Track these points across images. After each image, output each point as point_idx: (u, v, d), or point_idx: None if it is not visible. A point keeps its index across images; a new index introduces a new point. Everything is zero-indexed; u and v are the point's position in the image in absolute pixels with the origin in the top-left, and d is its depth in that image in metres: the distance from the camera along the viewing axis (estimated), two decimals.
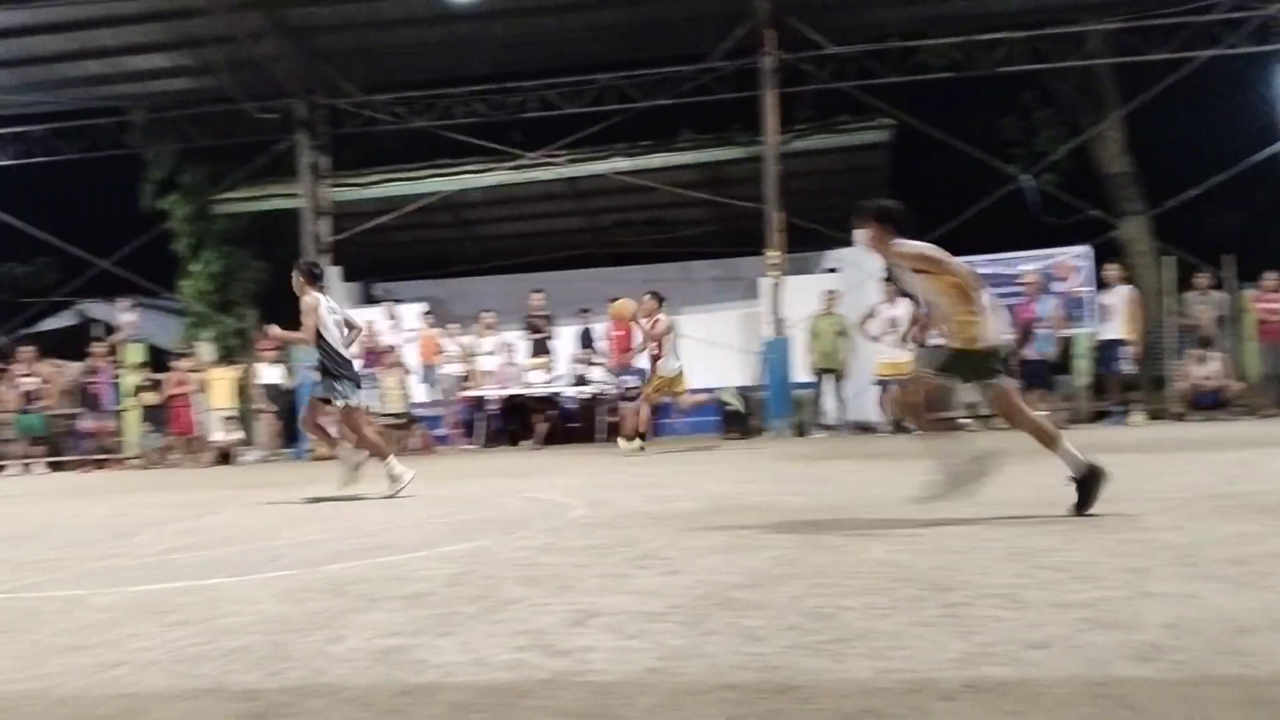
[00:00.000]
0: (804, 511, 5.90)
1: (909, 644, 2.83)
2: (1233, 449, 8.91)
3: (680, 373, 12.66)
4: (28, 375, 16.19)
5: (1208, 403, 14.74)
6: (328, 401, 8.01)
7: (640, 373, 14.82)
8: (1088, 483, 4.94)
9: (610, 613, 3.40)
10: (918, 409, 5.36)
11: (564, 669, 2.75)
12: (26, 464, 16.11)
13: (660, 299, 12.86)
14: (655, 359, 12.54)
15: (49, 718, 2.61)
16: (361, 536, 5.63)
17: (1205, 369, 14.77)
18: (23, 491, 12.15)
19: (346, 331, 8.14)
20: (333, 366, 8.01)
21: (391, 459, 8.03)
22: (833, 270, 18.38)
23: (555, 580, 4.02)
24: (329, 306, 8.13)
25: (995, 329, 5.12)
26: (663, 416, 15.87)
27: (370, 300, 19.68)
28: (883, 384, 14.07)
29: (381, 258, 19.80)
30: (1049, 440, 5.04)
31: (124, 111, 18.78)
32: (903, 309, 13.39)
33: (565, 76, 17.18)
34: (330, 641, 3.19)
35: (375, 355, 15.77)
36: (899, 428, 13.10)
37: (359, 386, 8.25)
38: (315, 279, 8.21)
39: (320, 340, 7.96)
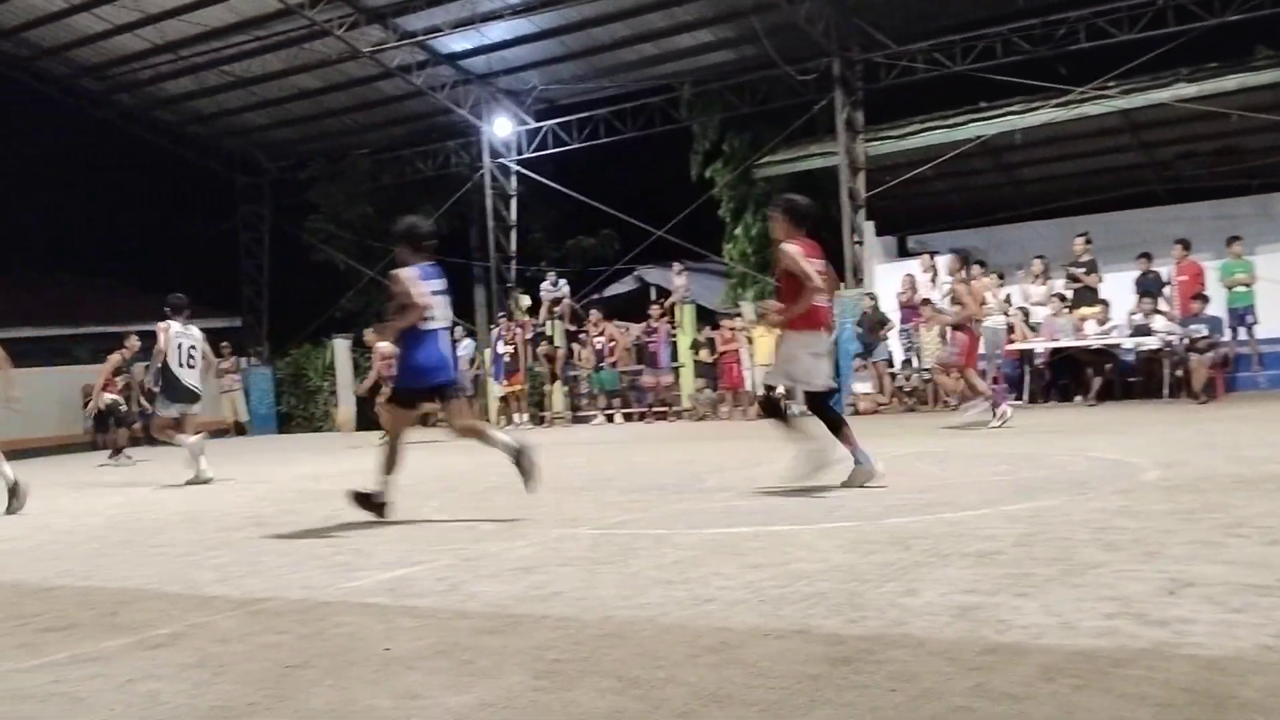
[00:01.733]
0: None
1: None
2: None
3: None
4: (599, 336, 18.02)
5: None
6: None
7: (1214, 320, 13.30)
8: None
9: (1207, 583, 3.11)
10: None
11: (1162, 640, 2.56)
12: (609, 415, 17.95)
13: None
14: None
15: (661, 642, 2.86)
16: (916, 492, 5.62)
17: None
18: (600, 439, 13.59)
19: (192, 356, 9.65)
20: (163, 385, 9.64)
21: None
22: None
23: (1137, 545, 3.75)
24: (177, 330, 9.58)
25: None
26: (1242, 369, 14.07)
27: (904, 253, 19.54)
28: None
29: (914, 209, 19.52)
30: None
31: (673, 89, 20.16)
32: None
33: (1118, 1, 15.76)
34: (904, 594, 3.21)
35: (912, 310, 15.64)
36: None
37: (179, 401, 9.60)
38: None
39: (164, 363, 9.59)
